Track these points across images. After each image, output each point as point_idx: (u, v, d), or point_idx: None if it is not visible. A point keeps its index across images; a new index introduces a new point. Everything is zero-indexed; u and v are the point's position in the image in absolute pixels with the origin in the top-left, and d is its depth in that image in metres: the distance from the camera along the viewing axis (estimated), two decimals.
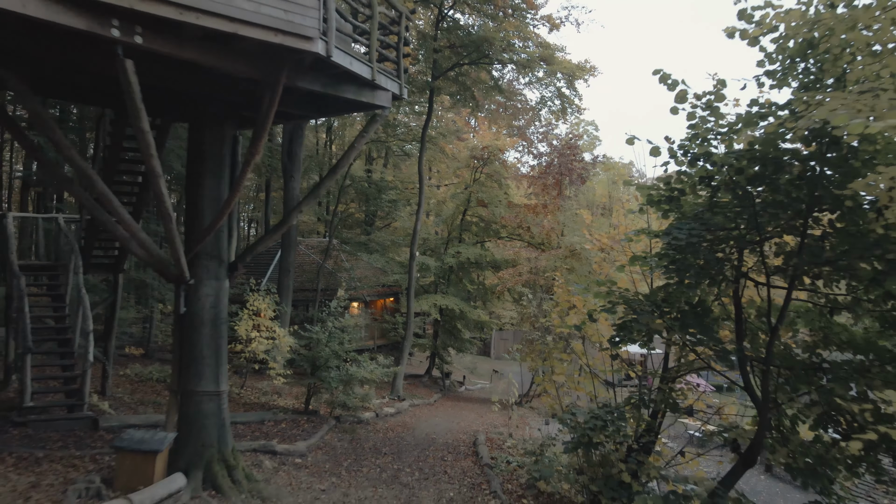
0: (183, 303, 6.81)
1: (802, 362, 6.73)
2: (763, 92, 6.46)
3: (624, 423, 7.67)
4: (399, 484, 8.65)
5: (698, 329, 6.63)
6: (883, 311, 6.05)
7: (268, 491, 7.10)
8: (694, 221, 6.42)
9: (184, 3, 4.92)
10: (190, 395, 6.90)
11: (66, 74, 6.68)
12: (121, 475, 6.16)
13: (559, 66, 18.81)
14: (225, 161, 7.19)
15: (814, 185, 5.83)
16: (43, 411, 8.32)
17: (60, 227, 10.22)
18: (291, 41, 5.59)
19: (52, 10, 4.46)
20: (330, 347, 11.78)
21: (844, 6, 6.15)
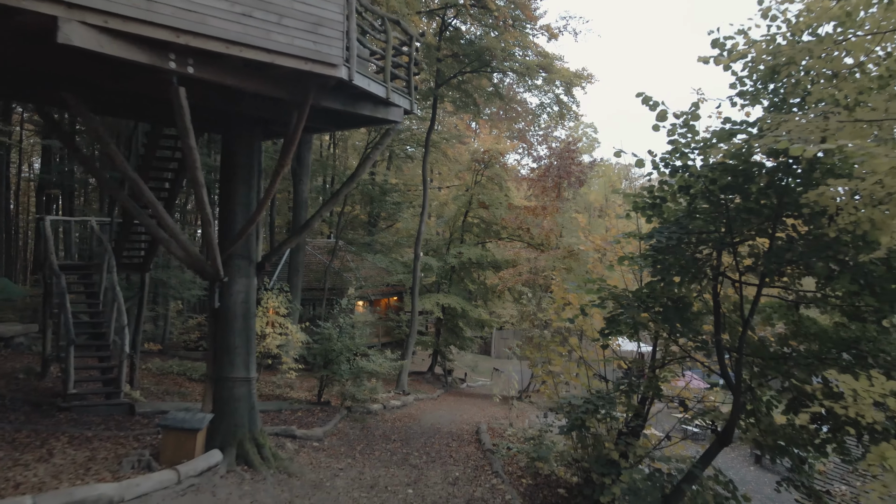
0: (217, 298, 7.59)
1: (772, 352, 7.52)
2: (736, 110, 7.25)
3: (614, 409, 8.45)
4: (408, 465, 9.44)
5: (679, 322, 7.41)
6: (843, 305, 6.84)
7: (292, 468, 7.89)
8: (674, 226, 7.21)
9: (230, 38, 5.72)
10: (223, 380, 7.70)
11: (112, 95, 7.46)
12: (165, 450, 6.96)
13: (558, 75, 19.60)
14: (254, 170, 7.98)
15: (780, 194, 6.61)
16: (84, 398, 9.11)
17: (94, 230, 11.01)
18: (319, 68, 6.39)
19: (122, 48, 5.26)
20: (342, 342, 12.56)
21: (809, 34, 6.95)
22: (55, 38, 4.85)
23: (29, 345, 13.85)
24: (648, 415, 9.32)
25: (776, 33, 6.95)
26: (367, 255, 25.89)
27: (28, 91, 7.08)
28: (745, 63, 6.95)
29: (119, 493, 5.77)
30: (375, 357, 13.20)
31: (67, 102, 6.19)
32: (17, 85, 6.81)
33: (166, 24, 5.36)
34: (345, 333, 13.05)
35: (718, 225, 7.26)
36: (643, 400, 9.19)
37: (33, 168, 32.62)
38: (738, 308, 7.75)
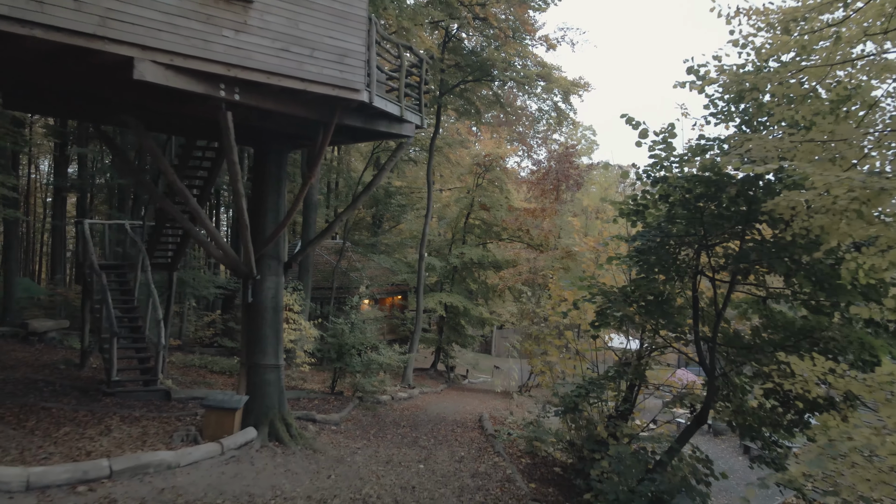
0: (251, 294, 8.56)
1: (745, 342, 8.49)
2: (711, 126, 8.21)
3: (603, 393, 9.41)
4: (418, 446, 10.40)
5: (660, 315, 8.38)
6: (804, 300, 7.81)
7: (316, 445, 8.86)
8: (656, 230, 8.18)
9: (270, 70, 6.69)
10: (255, 367, 8.67)
11: (163, 115, 8.42)
12: (207, 427, 7.92)
13: (556, 84, 20.56)
14: (283, 179, 8.95)
15: (749, 202, 7.57)
16: (125, 385, 10.07)
17: (128, 232, 11.98)
18: (344, 93, 7.36)
19: (183, 80, 6.23)
20: (354, 336, 13.52)
21: (774, 60, 7.93)
22: (131, 74, 5.82)
23: (60, 339, 14.80)
24: (636, 401, 10.29)
25: (745, 60, 7.94)
26: (372, 255, 26.85)
27: (95, 113, 8.04)
28: (716, 88, 7.91)
29: (175, 460, 6.74)
30: (385, 350, 14.17)
31: (128, 123, 7.16)
32: (87, 109, 7.78)
33: (219, 60, 6.34)
34: (356, 329, 14.02)
35: (696, 229, 8.22)
36: (631, 387, 10.16)
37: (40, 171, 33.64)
38: (713, 303, 8.71)
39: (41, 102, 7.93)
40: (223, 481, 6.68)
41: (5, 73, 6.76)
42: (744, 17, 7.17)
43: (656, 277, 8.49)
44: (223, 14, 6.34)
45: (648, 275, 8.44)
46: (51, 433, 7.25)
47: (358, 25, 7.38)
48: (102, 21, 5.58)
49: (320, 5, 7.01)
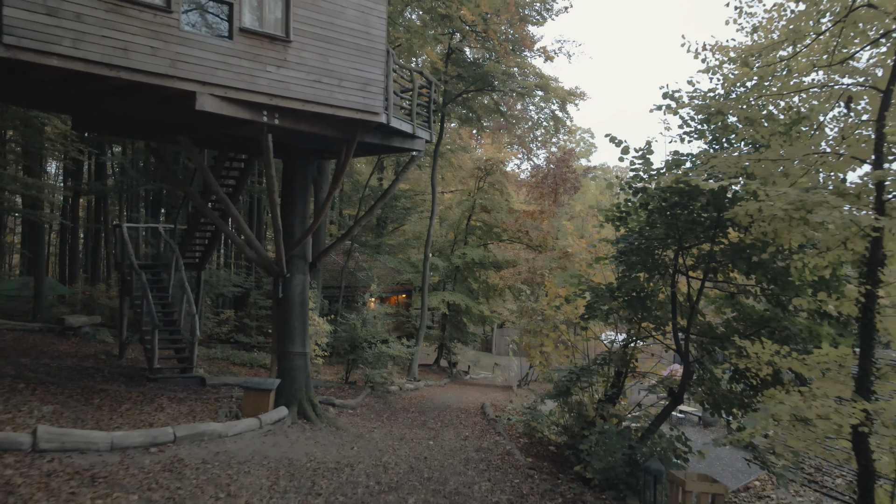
0: (281, 290, 9.73)
1: (716, 332, 9.66)
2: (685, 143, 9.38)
3: (591, 378, 10.58)
4: (427, 428, 11.57)
5: (641, 309, 9.55)
6: (763, 294, 8.97)
7: (338, 423, 10.03)
8: (637, 234, 9.35)
9: (305, 98, 7.87)
10: (285, 354, 9.84)
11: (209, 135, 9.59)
12: (246, 406, 9.09)
13: (553, 93, 21.74)
14: (309, 189, 10.14)
15: (717, 210, 8.73)
16: (165, 372, 11.24)
17: (161, 234, 13.16)
18: (366, 116, 8.54)
19: (234, 109, 7.40)
20: (366, 330, 14.70)
21: (741, 85, 9.09)
22: (193, 104, 7.00)
23: (93, 333, 15.96)
24: (623, 387, 11.45)
25: (717, 85, 9.11)
26: (377, 256, 28.02)
27: (153, 134, 9.21)
28: (687, 111, 9.07)
29: (224, 430, 7.91)
30: (394, 344, 15.35)
31: (180, 142, 8.34)
32: (147, 130, 8.96)
33: (264, 91, 7.52)
34: (367, 324, 15.20)
35: (673, 233, 9.39)
36: (618, 374, 11.32)
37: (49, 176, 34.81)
38: (689, 298, 9.88)
39: (107, 125, 9.10)
40: (264, 448, 7.85)
41: (81, 102, 7.93)
42: (709, 52, 8.34)
43: (638, 276, 9.66)
44: (267, 53, 7.53)
45: (630, 273, 9.62)
46: (115, 409, 8.42)
47: (378, 58, 8.57)
48: (173, 63, 6.76)
49: (347, 42, 8.19)
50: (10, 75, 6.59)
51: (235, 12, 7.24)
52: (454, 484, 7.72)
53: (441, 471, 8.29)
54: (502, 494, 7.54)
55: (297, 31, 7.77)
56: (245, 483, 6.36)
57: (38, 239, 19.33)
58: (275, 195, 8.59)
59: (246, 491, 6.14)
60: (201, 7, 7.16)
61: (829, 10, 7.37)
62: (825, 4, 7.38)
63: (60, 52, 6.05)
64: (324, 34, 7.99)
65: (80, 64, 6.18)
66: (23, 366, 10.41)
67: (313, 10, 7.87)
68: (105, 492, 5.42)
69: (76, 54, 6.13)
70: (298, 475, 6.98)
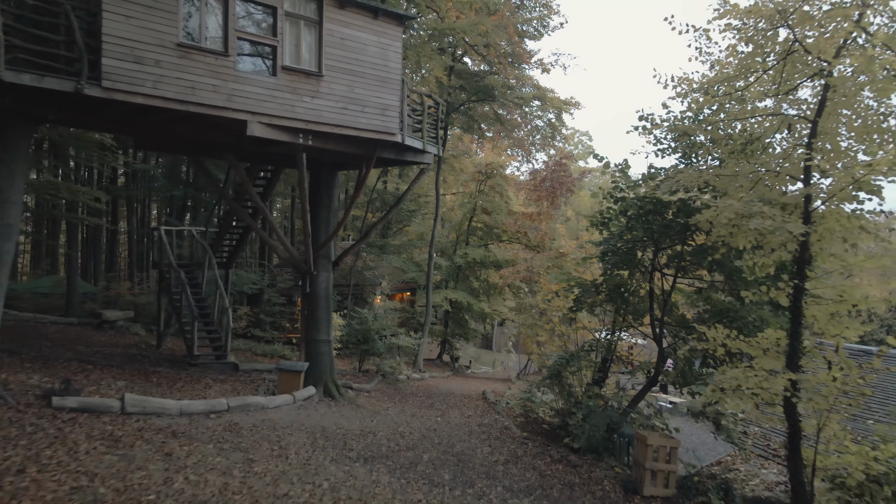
0: (308, 286, 11.19)
1: (688, 322, 11.10)
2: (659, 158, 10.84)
3: (579, 363, 12.02)
4: (434, 408, 13.03)
5: (621, 302, 11.01)
6: (724, 288, 10.43)
7: (358, 402, 11.50)
8: (617, 237, 10.80)
9: (335, 123, 9.33)
10: (312, 341, 11.31)
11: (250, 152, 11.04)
12: (281, 384, 10.55)
13: (550, 103, 23.19)
14: (332, 197, 11.59)
15: (686, 216, 10.17)
16: (203, 358, 12.70)
17: (194, 236, 14.63)
18: (385, 136, 10.00)
19: (276, 133, 8.87)
20: (377, 323, 16.17)
21: (707, 108, 10.54)
22: (245, 130, 8.46)
23: (127, 326, 17.44)
24: (608, 372, 12.91)
25: (686, 108, 10.55)
26: (383, 255, 29.47)
27: (204, 151, 10.67)
28: (659, 132, 10.52)
29: (266, 403, 9.38)
30: (402, 336, 16.81)
31: (226, 159, 9.81)
32: (199, 148, 10.43)
33: (301, 118, 8.98)
34: (379, 318, 16.67)
35: (649, 236, 10.84)
36: (604, 360, 12.78)
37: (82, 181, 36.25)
38: (663, 292, 11.33)
39: (165, 144, 10.56)
40: (300, 418, 9.31)
41: (150, 128, 9.40)
42: (676, 84, 9.78)
43: (619, 273, 11.12)
44: (304, 86, 8.99)
45: (612, 271, 11.07)
46: (171, 385, 9.89)
47: (395, 87, 10.03)
48: (229, 97, 8.23)
49: (369, 74, 9.66)
50: (101, 109, 8.04)
51: (278, 53, 8.70)
52: (460, 447, 9.19)
53: (448, 439, 9.76)
54: (500, 455, 9.01)
55: (328, 66, 9.23)
56: (290, 441, 7.83)
57: (71, 240, 20.83)
58: (306, 204, 10.05)
59: (293, 446, 7.60)
60: (251, 50, 8.63)
61: (773, 50, 8.84)
62: (769, 46, 8.84)
63: (144, 92, 7.52)
64: (350, 69, 9.45)
65: (160, 101, 7.65)
66: (80, 352, 11.88)
67: (341, 48, 9.34)
68: (186, 442, 6.89)
69: (156, 93, 7.59)
70: (332, 437, 8.44)
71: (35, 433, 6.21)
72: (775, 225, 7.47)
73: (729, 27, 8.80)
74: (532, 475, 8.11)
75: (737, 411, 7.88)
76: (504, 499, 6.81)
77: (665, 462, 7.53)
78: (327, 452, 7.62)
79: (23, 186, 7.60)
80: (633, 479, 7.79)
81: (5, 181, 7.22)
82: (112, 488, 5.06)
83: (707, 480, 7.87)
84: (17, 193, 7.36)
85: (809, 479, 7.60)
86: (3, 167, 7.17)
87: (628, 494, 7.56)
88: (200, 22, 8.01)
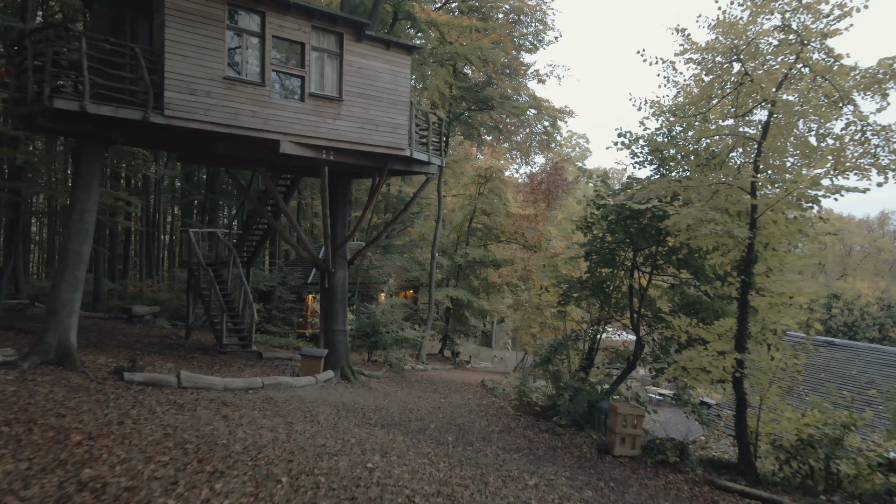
0: (327, 282, 12.66)
1: (657, 313, 12.58)
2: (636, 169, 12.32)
3: (566, 350, 13.50)
4: (437, 393, 14.51)
5: (602, 297, 12.48)
6: (691, 284, 11.90)
7: (370, 385, 12.98)
8: (599, 240, 12.27)
9: (352, 140, 10.81)
10: (330, 331, 12.79)
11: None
12: (304, 368, 12.04)
13: (546, 112, 24.68)
14: (347, 203, 13.05)
15: (659, 221, 11.64)
16: (230, 347, 14.18)
17: (219, 238, 16.10)
18: (396, 151, 11.48)
19: (303, 150, 10.34)
20: (385, 317, 17.66)
21: (678, 126, 12.01)
22: (278, 148, 9.93)
23: (153, 320, 18.93)
24: (594, 359, 14.38)
25: (660, 126, 12.02)
26: (387, 255, 30.94)
27: (239, 164, 12.14)
28: (636, 147, 11.99)
29: (293, 382, 10.86)
30: (408, 329, 18.31)
31: (258, 171, 11.28)
32: (234, 162, 11.91)
33: (324, 137, 10.46)
34: (386, 313, 18.16)
35: (628, 238, 12.31)
36: (591, 349, 14.26)
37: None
38: (640, 287, 12.81)
39: (205, 158, 12.02)
40: (323, 395, 10.79)
41: (193, 145, 10.88)
42: (649, 106, 11.26)
43: (601, 271, 12.59)
44: (327, 109, 10.47)
45: (595, 269, 12.55)
46: (210, 368, 11.37)
47: (404, 108, 11.51)
48: (265, 121, 9.71)
49: (382, 98, 11.14)
50: (160, 132, 9.52)
51: (306, 82, 10.18)
52: (461, 421, 10.67)
53: (451, 414, 11.24)
54: (495, 427, 10.49)
55: (347, 92, 10.71)
56: (319, 411, 9.31)
57: (99, 241, 22.31)
58: (327, 209, 11.53)
59: (321, 414, 9.08)
60: (283, 80, 10.11)
61: (729, 79, 10.32)
62: (726, 76, 10.32)
63: (197, 118, 9.00)
64: (366, 93, 10.94)
65: (209, 125, 9.13)
66: (122, 341, 13.38)
67: (358, 76, 10.82)
68: (236, 409, 8.37)
69: (207, 119, 9.08)
70: (352, 410, 9.93)
71: (118, 399, 7.70)
72: (724, 230, 8.96)
73: (691, 60, 10.28)
74: (522, 441, 9.59)
75: (694, 385, 9.34)
76: (497, 454, 8.29)
77: (633, 428, 9.00)
78: (350, 420, 9.11)
79: (97, 197, 9.07)
80: (607, 442, 9.25)
81: (83, 193, 8.70)
82: (192, 435, 6.54)
83: (666, 442, 9.33)
84: (93, 203, 8.84)
85: (754, 441, 9.08)
86: (83, 181, 8.66)
87: (602, 454, 9.02)
88: (242, 58, 9.50)
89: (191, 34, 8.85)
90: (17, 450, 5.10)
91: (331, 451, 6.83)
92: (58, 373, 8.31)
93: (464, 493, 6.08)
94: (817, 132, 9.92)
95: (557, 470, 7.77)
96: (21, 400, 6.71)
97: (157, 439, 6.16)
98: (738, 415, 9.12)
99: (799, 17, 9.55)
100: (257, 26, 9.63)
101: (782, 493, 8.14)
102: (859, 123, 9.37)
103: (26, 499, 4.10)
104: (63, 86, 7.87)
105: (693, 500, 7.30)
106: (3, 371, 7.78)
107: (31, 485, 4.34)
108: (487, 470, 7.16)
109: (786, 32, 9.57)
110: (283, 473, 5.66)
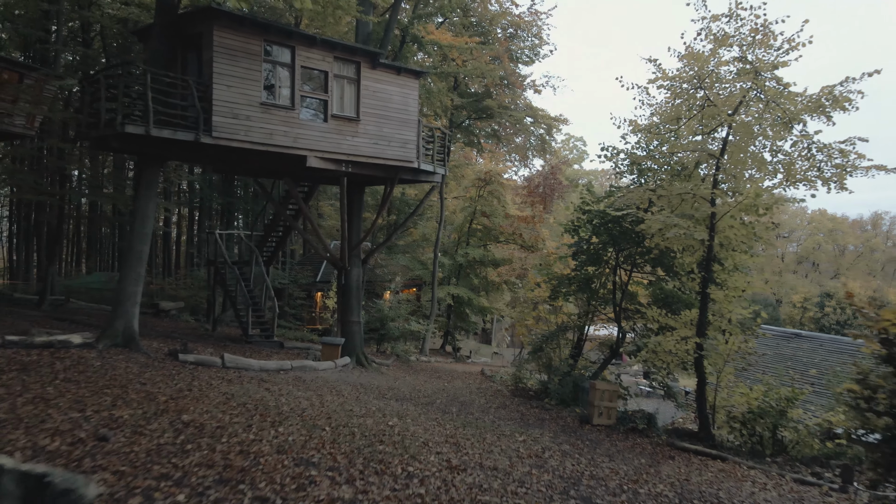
0: (343, 278, 14.26)
1: (635, 306, 14.17)
2: (618, 178, 13.89)
3: (557, 340, 15.08)
4: (441, 379, 16.11)
5: (588, 292, 14.08)
6: (666, 279, 13.49)
7: (382, 370, 14.57)
8: (585, 241, 13.86)
9: (368, 154, 12.41)
10: (347, 322, 14.39)
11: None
12: (324, 354, 13.63)
13: (542, 120, 26.28)
14: (361, 208, 14.64)
15: (636, 225, 13.23)
16: (255, 338, 15.77)
17: (243, 239, 17.70)
18: (405, 163, 13.08)
19: (326, 164, 11.94)
20: (393, 311, 19.26)
21: (655, 141, 13.61)
22: (305, 163, 11.53)
23: (179, 315, 20.53)
24: (582, 349, 15.98)
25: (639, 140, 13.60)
26: (392, 255, 32.52)
27: (268, 174, 13.71)
28: (618, 159, 13.59)
29: (316, 366, 12.46)
30: (415, 322, 19.91)
31: (284, 180, 12.88)
32: (262, 173, 13.49)
33: (344, 152, 12.05)
34: (393, 308, 19.76)
35: (611, 240, 13.89)
36: (579, 339, 15.86)
37: None
38: (622, 283, 14.39)
39: (238, 169, 13.59)
40: (342, 377, 12.38)
41: (232, 160, 12.48)
42: (627, 124, 12.85)
43: (588, 269, 14.18)
44: (346, 128, 12.06)
45: (582, 267, 14.14)
46: (243, 354, 12.96)
47: (413, 125, 13.11)
48: (294, 140, 11.31)
49: (394, 117, 12.73)
50: (206, 151, 11.11)
51: (329, 105, 11.78)
52: (463, 399, 12.27)
53: (454, 394, 12.84)
54: (493, 404, 12.09)
55: (364, 112, 12.30)
56: (341, 389, 10.90)
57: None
58: (345, 214, 13.12)
59: (344, 390, 10.67)
60: (309, 103, 11.70)
61: (695, 103, 11.90)
62: (692, 100, 11.89)
63: (238, 139, 10.59)
64: (380, 113, 12.53)
65: (248, 144, 10.73)
66: (160, 332, 14.97)
67: (374, 98, 12.41)
68: (273, 384, 9.96)
69: (246, 139, 10.67)
70: (369, 388, 11.52)
71: (179, 373, 9.29)
72: (687, 233, 10.55)
73: (662, 87, 11.86)
74: (515, 414, 11.19)
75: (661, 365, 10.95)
76: (494, 421, 9.89)
77: (609, 402, 10.59)
78: (369, 395, 10.70)
79: (155, 205, 10.66)
80: (587, 414, 10.84)
81: (144, 202, 10.29)
82: (247, 399, 8.13)
83: (637, 413, 10.92)
84: (152, 210, 10.42)
85: (712, 413, 10.67)
86: (145, 192, 10.25)
87: (582, 424, 10.61)
88: (276, 86, 11.09)
89: (234, 67, 10.44)
90: (125, 403, 6.69)
91: (358, 414, 8.43)
92: (126, 353, 9.91)
93: (466, 443, 7.67)
94: (770, 149, 11.52)
95: (543, 432, 9.37)
96: (108, 372, 8.31)
97: (221, 401, 7.75)
98: (698, 390, 10.71)
99: (754, 50, 11.14)
100: (288, 58, 11.22)
101: (735, 456, 9.73)
102: (805, 142, 10.97)
103: (152, 430, 5.69)
104: (132, 113, 9.44)
105: (653, 455, 8.89)
106: (86, 350, 9.38)
107: (151, 422, 5.94)
108: (485, 430, 8.76)
109: (743, 62, 11.15)
110: (326, 425, 7.26)
